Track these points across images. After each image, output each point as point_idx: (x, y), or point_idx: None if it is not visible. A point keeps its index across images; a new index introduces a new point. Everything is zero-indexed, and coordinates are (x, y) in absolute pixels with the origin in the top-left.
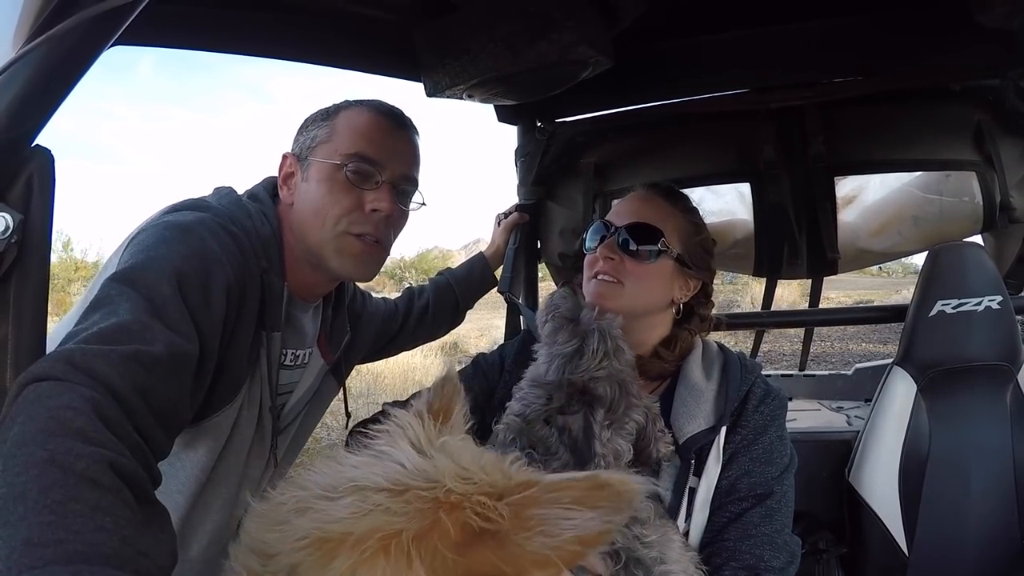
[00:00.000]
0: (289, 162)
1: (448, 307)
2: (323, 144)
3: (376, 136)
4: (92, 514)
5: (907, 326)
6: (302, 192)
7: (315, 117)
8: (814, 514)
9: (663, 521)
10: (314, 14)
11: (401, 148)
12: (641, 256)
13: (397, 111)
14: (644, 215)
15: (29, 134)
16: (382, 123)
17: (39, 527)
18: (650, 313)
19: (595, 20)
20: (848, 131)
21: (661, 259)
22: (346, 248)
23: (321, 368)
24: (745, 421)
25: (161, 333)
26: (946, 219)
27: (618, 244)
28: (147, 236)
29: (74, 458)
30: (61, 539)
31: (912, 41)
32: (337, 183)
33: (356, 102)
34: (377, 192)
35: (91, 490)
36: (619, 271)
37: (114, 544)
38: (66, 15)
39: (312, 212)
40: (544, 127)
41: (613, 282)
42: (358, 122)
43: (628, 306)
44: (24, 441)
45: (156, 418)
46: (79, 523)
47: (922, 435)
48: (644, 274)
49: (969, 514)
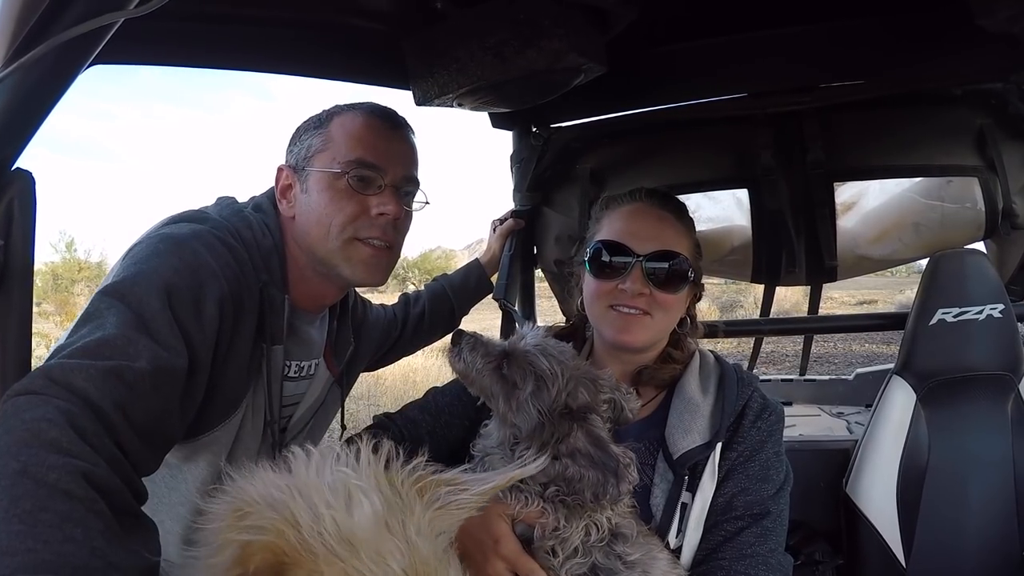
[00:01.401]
0: (285, 174)
1: (444, 314)
2: (320, 153)
3: (373, 140)
4: (62, 524)
5: (907, 335)
6: (303, 203)
7: (307, 126)
8: (811, 524)
9: (647, 539)
10: (302, 27)
11: (400, 149)
12: (671, 287)
13: (390, 112)
14: (667, 240)
15: (8, 159)
16: (378, 126)
17: (8, 536)
18: (667, 334)
19: (586, 27)
20: (847, 136)
21: (686, 285)
22: (355, 255)
23: (327, 379)
24: (741, 437)
25: (146, 348)
26: (947, 226)
27: (645, 275)
28: (141, 249)
29: (46, 469)
30: (30, 548)
31: (913, 44)
32: (339, 191)
33: (348, 107)
34: (381, 196)
35: (62, 501)
36: (648, 304)
37: (83, 555)
38: (38, 42)
39: (315, 222)
40: (539, 132)
41: (641, 314)
42: (353, 128)
43: (654, 337)
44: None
45: (138, 432)
46: (48, 533)
47: (921, 445)
48: (672, 304)
49: (967, 525)
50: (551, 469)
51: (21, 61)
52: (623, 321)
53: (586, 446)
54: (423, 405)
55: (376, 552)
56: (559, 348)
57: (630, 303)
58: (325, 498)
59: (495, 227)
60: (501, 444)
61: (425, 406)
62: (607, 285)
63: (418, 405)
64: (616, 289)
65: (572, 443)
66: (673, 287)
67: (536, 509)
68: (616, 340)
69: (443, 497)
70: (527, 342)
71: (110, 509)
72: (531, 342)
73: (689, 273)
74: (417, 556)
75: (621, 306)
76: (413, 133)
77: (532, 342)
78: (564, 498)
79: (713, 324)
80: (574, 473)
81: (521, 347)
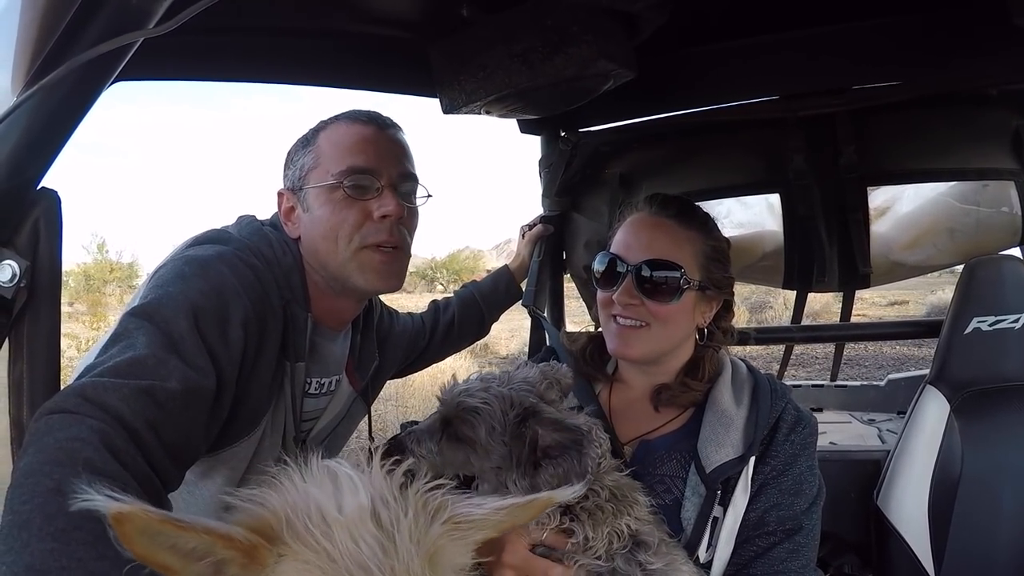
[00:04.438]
0: (286, 198)
1: (474, 321)
2: (312, 171)
3: (362, 145)
4: (95, 543)
5: (941, 344)
6: (307, 223)
7: (297, 147)
8: (841, 536)
9: (670, 548)
10: (327, 37)
11: (389, 149)
12: (663, 297)
13: (374, 114)
14: (659, 248)
15: (33, 179)
16: (363, 131)
17: (42, 554)
18: (676, 346)
19: (615, 32)
20: (881, 139)
21: (685, 295)
22: (367, 263)
23: (350, 394)
24: (775, 451)
25: (176, 368)
26: (983, 231)
27: (636, 286)
28: (166, 271)
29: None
30: (63, 566)
31: (947, 44)
32: (338, 202)
33: (332, 119)
34: (380, 199)
35: (95, 520)
36: (642, 315)
37: (115, 573)
38: (59, 62)
39: (322, 237)
40: (568, 137)
41: (638, 326)
42: (339, 137)
43: (655, 350)
44: (32, 471)
45: (167, 451)
46: (81, 551)
47: (954, 457)
48: (669, 314)
49: (1000, 539)
50: (538, 479)
51: (42, 82)
52: (621, 333)
53: (551, 436)
54: None
55: (351, 538)
56: (485, 378)
57: (624, 314)
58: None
59: (523, 232)
60: (497, 490)
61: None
62: (605, 296)
63: None
64: (612, 300)
65: (541, 442)
66: (665, 297)
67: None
68: (615, 352)
69: (451, 508)
70: (454, 394)
71: None
72: (458, 392)
73: (683, 282)
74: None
75: (619, 317)
76: (401, 131)
77: (459, 391)
78: (582, 503)
79: (745, 332)
80: (556, 470)
81: (453, 403)
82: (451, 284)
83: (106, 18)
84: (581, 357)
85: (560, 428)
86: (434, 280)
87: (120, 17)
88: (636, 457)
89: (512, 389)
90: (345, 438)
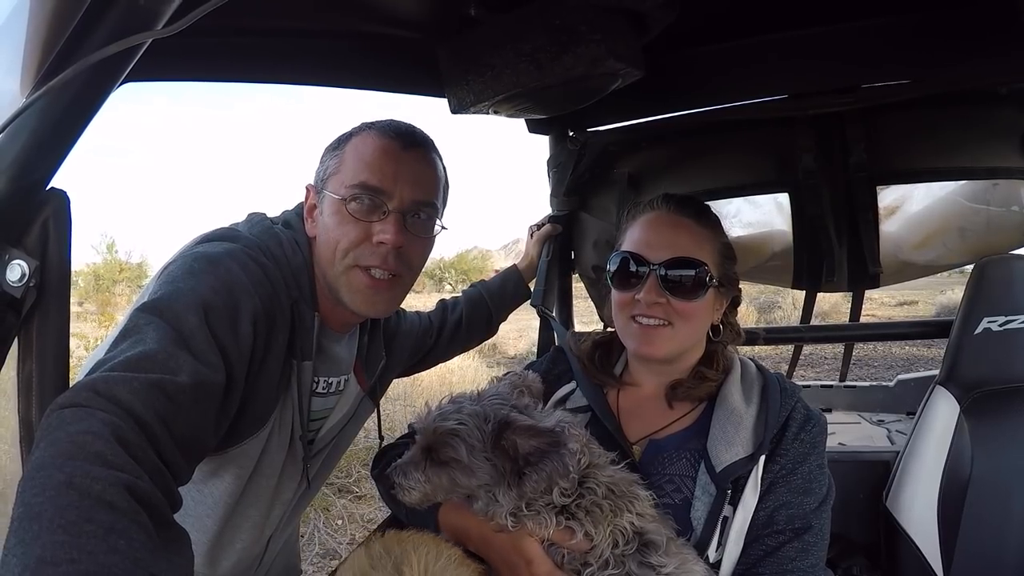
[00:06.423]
0: (311, 194)
1: (481, 320)
2: (333, 176)
3: (381, 163)
4: (106, 536)
5: (951, 344)
6: (320, 225)
7: (330, 147)
8: (850, 537)
9: (680, 547)
10: (334, 38)
11: (411, 171)
12: (689, 294)
13: (407, 131)
14: (683, 247)
15: (42, 180)
16: (388, 147)
17: (53, 546)
18: (695, 343)
19: (623, 31)
20: (891, 138)
21: (708, 291)
22: (354, 283)
23: (358, 393)
24: (785, 449)
25: (187, 363)
26: (993, 230)
27: (661, 284)
28: (176, 267)
29: (91, 481)
30: (73, 559)
31: (957, 43)
32: (345, 216)
33: (367, 126)
34: (384, 223)
35: (106, 512)
36: (667, 313)
37: (126, 566)
38: (67, 63)
39: (325, 245)
40: (576, 137)
41: (662, 325)
42: (363, 149)
43: (679, 347)
44: (43, 464)
45: (178, 445)
46: (92, 544)
47: (964, 459)
48: (693, 312)
49: (1010, 541)
50: (525, 487)
51: (51, 84)
52: (644, 333)
53: (529, 443)
54: None
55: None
56: (456, 400)
57: (647, 313)
58: None
59: (532, 232)
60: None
61: None
62: (626, 296)
63: None
64: (634, 300)
65: (520, 450)
66: (690, 294)
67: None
68: (638, 352)
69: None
70: (429, 421)
71: (151, 521)
72: (433, 418)
73: (708, 279)
74: None
75: (641, 317)
76: (435, 152)
77: (434, 416)
78: (578, 501)
79: (754, 331)
80: (540, 475)
81: (430, 429)
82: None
83: (114, 19)
84: (588, 361)
85: (535, 433)
86: (442, 280)
87: (129, 18)
88: (645, 456)
89: (484, 406)
90: (352, 438)
